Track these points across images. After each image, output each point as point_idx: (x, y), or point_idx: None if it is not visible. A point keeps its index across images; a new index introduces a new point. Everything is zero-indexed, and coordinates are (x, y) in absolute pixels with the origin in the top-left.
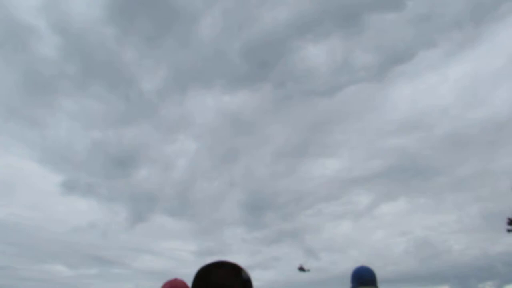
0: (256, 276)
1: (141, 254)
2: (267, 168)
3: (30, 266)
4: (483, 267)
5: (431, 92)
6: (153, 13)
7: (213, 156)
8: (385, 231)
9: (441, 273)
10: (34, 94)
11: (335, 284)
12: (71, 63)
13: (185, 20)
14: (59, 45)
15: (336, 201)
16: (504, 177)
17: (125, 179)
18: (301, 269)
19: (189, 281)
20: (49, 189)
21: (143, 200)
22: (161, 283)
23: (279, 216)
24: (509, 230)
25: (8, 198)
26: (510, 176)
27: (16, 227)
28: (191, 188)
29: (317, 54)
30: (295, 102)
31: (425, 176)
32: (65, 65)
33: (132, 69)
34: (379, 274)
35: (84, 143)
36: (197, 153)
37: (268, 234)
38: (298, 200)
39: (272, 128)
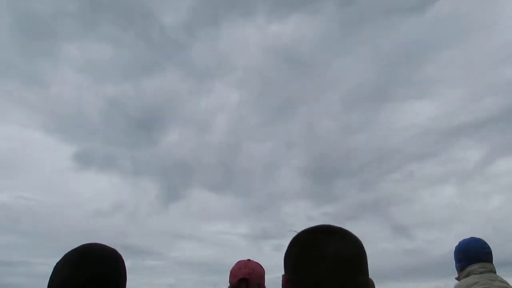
0: None
1: (179, 241)
2: (335, 121)
3: (47, 260)
4: None
5: None
6: None
7: (262, 108)
8: (504, 197)
9: None
10: (29, 41)
11: (435, 270)
12: None
13: None
14: None
15: (433, 159)
16: None
17: (151, 146)
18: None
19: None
20: (60, 164)
21: (176, 173)
22: (207, 276)
23: (355, 184)
24: None
25: (13, 178)
26: None
27: (26, 213)
28: (236, 153)
29: None
30: (369, 25)
31: None
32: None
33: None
34: (497, 254)
35: (96, 102)
36: (241, 106)
37: (341, 208)
38: (380, 160)
39: (340, 65)
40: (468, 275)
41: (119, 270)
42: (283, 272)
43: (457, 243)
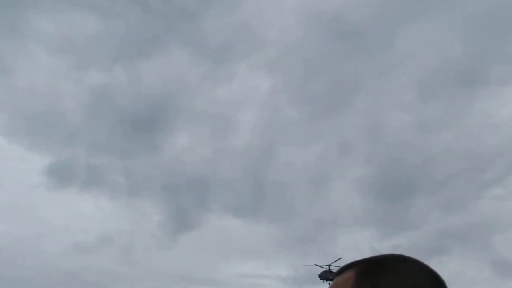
0: None
1: (190, 287)
2: (408, 113)
3: None
4: None
5: None
6: None
7: (304, 98)
8: None
9: None
10: None
11: None
12: None
13: None
14: None
15: None
16: None
17: (152, 154)
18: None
19: None
20: (29, 181)
21: (186, 191)
22: None
23: (438, 204)
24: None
25: None
26: None
27: None
28: (269, 162)
29: None
30: None
31: None
32: None
33: None
34: None
35: (77, 95)
36: (274, 95)
37: (419, 238)
38: (473, 169)
39: (411, 36)
40: None
41: None
42: None
43: None
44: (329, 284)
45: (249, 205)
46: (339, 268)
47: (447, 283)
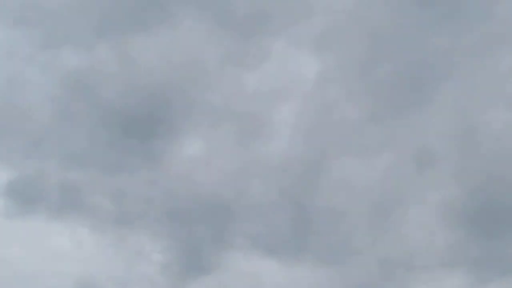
0: None
1: None
2: None
3: None
4: None
5: None
6: None
7: (365, 90)
8: None
9: None
10: None
11: None
12: None
13: None
14: None
15: None
16: None
17: (151, 168)
18: None
19: None
20: None
21: (199, 219)
22: None
23: None
24: None
25: None
26: None
27: None
28: (315, 180)
29: None
30: None
31: None
32: None
33: None
34: None
35: (45, 85)
36: (322, 85)
37: None
38: None
39: None
40: None
41: None
42: None
43: None
44: None
45: (288, 239)
46: None
47: None
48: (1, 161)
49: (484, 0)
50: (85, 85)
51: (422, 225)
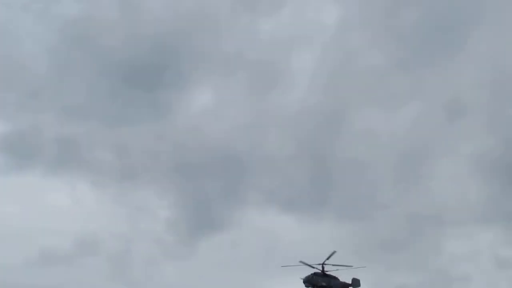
0: None
1: None
2: None
3: None
4: None
5: None
6: None
7: (391, 35)
8: None
9: None
10: None
11: None
12: None
13: None
14: None
15: None
16: None
17: (157, 119)
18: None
19: None
20: None
21: (209, 173)
22: None
23: None
24: None
25: None
26: None
27: None
28: (336, 131)
29: None
30: None
31: None
32: None
33: None
34: None
35: (43, 35)
36: (344, 31)
37: None
38: None
39: None
40: None
41: None
42: None
43: None
44: None
45: (306, 194)
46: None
47: None
48: None
49: None
50: (85, 34)
51: (453, 178)
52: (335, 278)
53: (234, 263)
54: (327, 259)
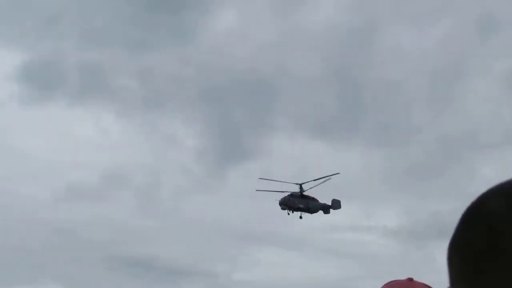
0: None
1: (251, 247)
2: None
3: None
4: None
5: None
6: None
7: None
8: None
9: None
10: None
11: None
12: None
13: None
14: None
15: None
16: None
17: (181, 42)
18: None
19: None
20: None
21: (236, 99)
22: None
23: None
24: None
25: None
26: None
27: None
28: (365, 50)
29: None
30: None
31: None
32: None
33: None
34: None
35: None
36: None
37: None
38: None
39: None
40: None
41: None
42: None
43: None
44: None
45: (336, 118)
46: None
47: None
48: (14, 42)
49: None
50: None
51: (487, 98)
52: (313, 199)
53: (264, 192)
54: (325, 180)
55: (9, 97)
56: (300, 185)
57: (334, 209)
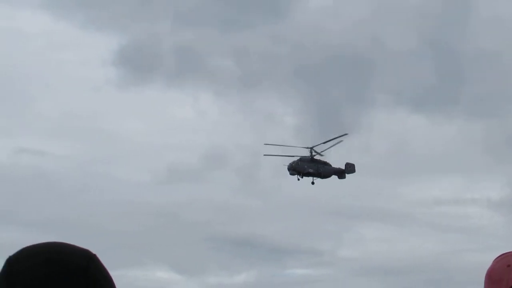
0: None
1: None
2: None
3: None
4: None
5: None
6: None
7: None
8: None
9: None
10: None
11: None
12: None
13: None
14: None
15: None
16: None
17: (275, 20)
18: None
19: None
20: (89, 76)
21: (333, 75)
22: None
23: None
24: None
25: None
26: None
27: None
28: (463, 20)
29: None
30: None
31: None
32: None
33: None
34: None
35: None
36: None
37: None
38: None
39: None
40: None
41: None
42: None
43: None
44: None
45: (435, 92)
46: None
47: None
48: (109, 26)
49: None
50: None
51: None
52: (325, 163)
53: (365, 169)
54: (337, 142)
55: (105, 82)
56: (311, 148)
57: (348, 173)
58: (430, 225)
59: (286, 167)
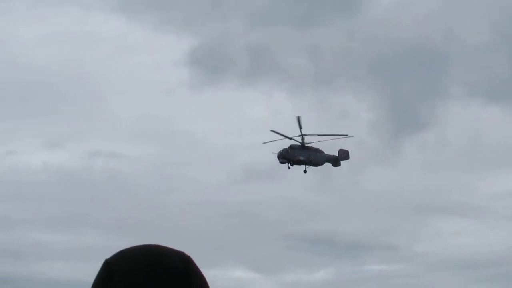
0: None
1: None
2: None
3: None
4: None
5: None
6: None
7: None
8: None
9: None
10: None
11: None
12: None
13: None
14: None
15: None
16: None
17: (346, 16)
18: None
19: None
20: (162, 79)
21: (406, 70)
22: None
23: None
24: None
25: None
26: None
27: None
28: None
29: None
30: None
31: None
32: None
33: None
34: None
35: None
36: None
37: None
38: None
39: None
40: None
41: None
42: None
43: None
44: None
45: (510, 83)
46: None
47: None
48: (181, 28)
49: None
50: None
51: None
52: (317, 150)
53: (441, 163)
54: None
55: (179, 83)
56: (302, 135)
57: (342, 160)
58: (509, 217)
59: (276, 155)
